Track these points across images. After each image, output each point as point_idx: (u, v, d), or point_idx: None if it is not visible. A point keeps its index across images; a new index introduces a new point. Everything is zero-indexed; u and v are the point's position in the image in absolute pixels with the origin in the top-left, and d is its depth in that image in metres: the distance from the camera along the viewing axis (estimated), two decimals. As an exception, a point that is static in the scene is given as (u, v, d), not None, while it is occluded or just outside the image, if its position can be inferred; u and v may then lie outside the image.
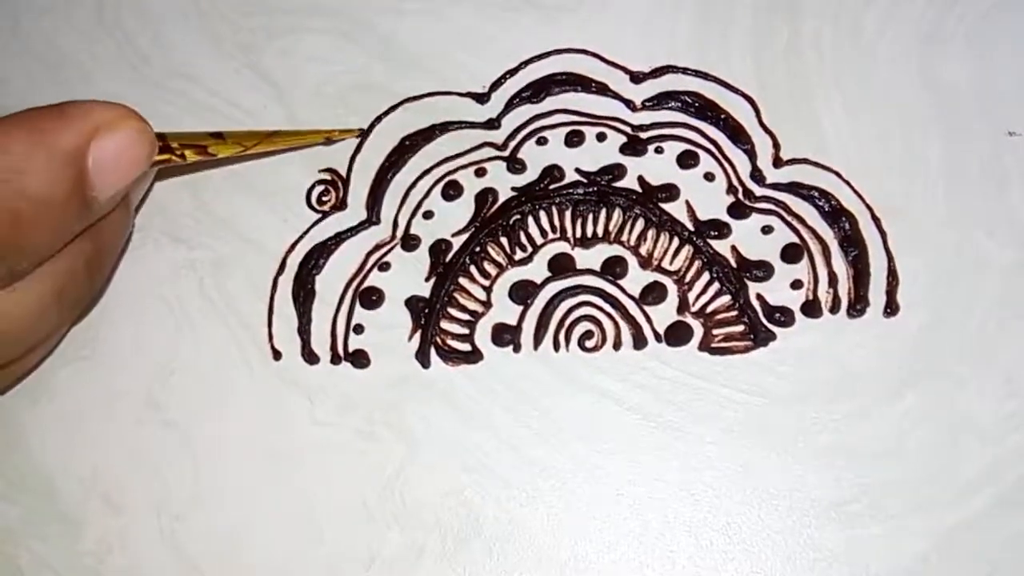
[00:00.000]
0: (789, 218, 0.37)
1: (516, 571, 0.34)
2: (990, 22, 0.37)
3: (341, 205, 0.39)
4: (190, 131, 0.35)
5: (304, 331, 0.38)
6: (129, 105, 0.32)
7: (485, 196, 0.38)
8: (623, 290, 0.37)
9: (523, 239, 0.38)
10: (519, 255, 0.38)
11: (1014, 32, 0.37)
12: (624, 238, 0.37)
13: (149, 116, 0.40)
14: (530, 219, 0.38)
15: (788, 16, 0.38)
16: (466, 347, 0.37)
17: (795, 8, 0.38)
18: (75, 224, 0.31)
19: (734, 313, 0.36)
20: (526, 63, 0.39)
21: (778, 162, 0.37)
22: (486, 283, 0.37)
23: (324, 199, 0.39)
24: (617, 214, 0.37)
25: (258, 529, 0.36)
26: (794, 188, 0.37)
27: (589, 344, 0.36)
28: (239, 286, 0.38)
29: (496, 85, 0.39)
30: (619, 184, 0.38)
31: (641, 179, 0.38)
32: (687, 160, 0.38)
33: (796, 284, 0.36)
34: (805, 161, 0.37)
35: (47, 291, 0.32)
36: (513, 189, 0.38)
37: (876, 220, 0.36)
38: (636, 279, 0.37)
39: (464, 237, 0.38)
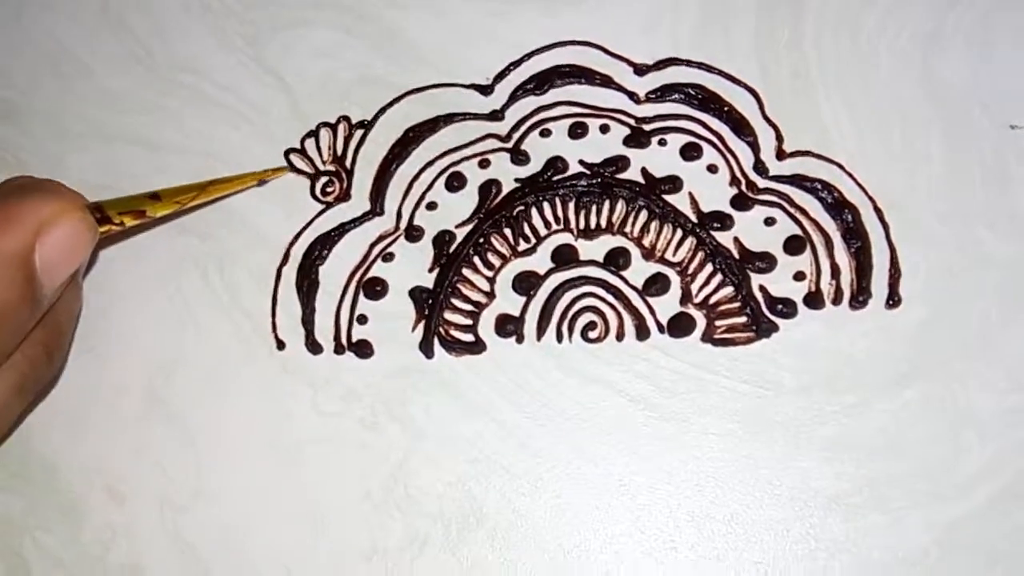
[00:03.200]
0: (792, 210, 0.37)
1: (519, 561, 0.35)
2: (990, 22, 0.38)
3: (345, 196, 0.39)
4: (125, 196, 0.35)
5: (308, 321, 0.38)
6: (65, 187, 0.33)
7: (489, 187, 0.38)
8: (626, 281, 0.37)
9: (527, 230, 0.38)
10: (522, 246, 0.38)
11: (1014, 32, 0.37)
12: (627, 229, 0.37)
13: (152, 110, 0.41)
14: (533, 210, 0.38)
15: (790, 8, 0.38)
16: (469, 338, 0.37)
17: (796, 3, 0.38)
18: (28, 322, 0.32)
19: (737, 304, 0.36)
20: (530, 55, 0.39)
21: (781, 154, 0.37)
22: (489, 274, 0.37)
23: (328, 190, 0.39)
24: (620, 206, 0.37)
25: (261, 519, 0.36)
26: (797, 180, 0.37)
27: (592, 335, 0.36)
28: (243, 277, 0.39)
29: (500, 77, 0.39)
30: (622, 176, 0.38)
31: (644, 171, 0.38)
32: (690, 152, 0.38)
33: (799, 276, 0.36)
34: (808, 153, 0.37)
35: (8, 387, 0.33)
36: (517, 180, 0.38)
37: (879, 212, 0.36)
38: (639, 270, 0.37)
39: (468, 228, 0.38)
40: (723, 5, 0.39)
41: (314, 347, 0.37)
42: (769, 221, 0.37)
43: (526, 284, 0.37)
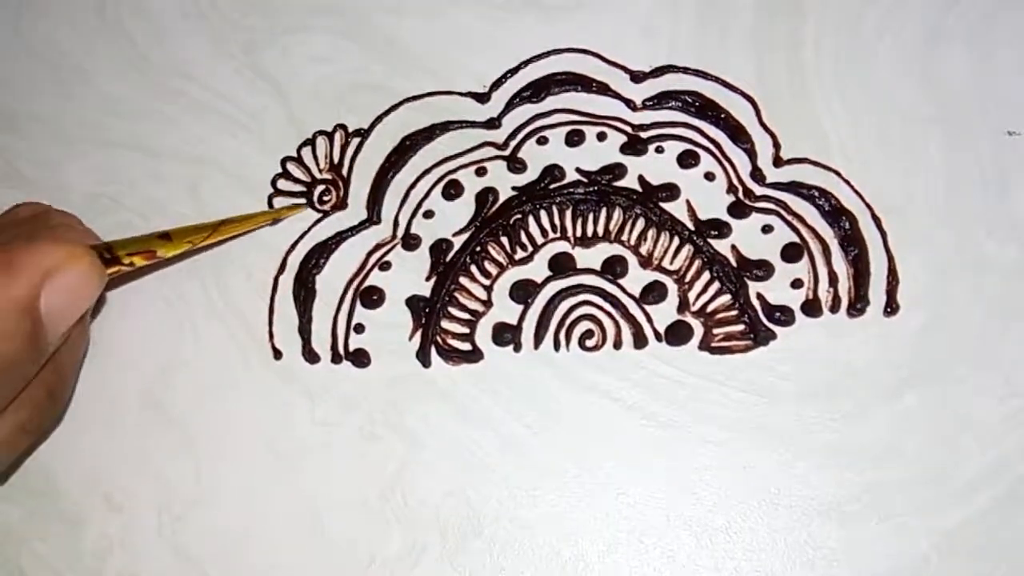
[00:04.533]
0: (789, 217, 0.37)
1: (517, 570, 0.34)
2: (990, 22, 0.37)
3: (342, 204, 0.39)
4: (136, 236, 0.35)
5: (305, 330, 0.38)
6: (75, 234, 0.33)
7: (486, 195, 0.38)
8: (623, 289, 0.37)
9: (524, 238, 0.38)
10: (520, 254, 0.38)
11: (1014, 32, 0.37)
12: (624, 237, 0.37)
13: (149, 116, 0.41)
14: (531, 218, 0.38)
15: (788, 16, 0.38)
16: (467, 346, 0.37)
17: (795, 8, 0.38)
18: (32, 369, 0.32)
19: (734, 312, 0.36)
20: (526, 63, 0.39)
21: (778, 161, 0.37)
22: (487, 282, 0.37)
23: (325, 198, 0.39)
24: (617, 213, 0.37)
25: (259, 528, 0.36)
26: (794, 187, 0.37)
27: (589, 343, 0.36)
28: (240, 285, 0.39)
29: (496, 85, 0.39)
30: (619, 183, 0.38)
31: (641, 178, 0.38)
32: (687, 159, 0.38)
33: (796, 283, 0.36)
34: (805, 160, 0.37)
35: (12, 428, 0.33)
36: (514, 188, 0.38)
37: (876, 219, 0.36)
38: (636, 278, 0.37)
39: (465, 236, 0.38)
40: (721, 12, 0.39)
41: (311, 356, 0.37)
42: (766, 229, 0.37)
43: (523, 292, 0.37)
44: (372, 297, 0.38)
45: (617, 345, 0.36)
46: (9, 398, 0.31)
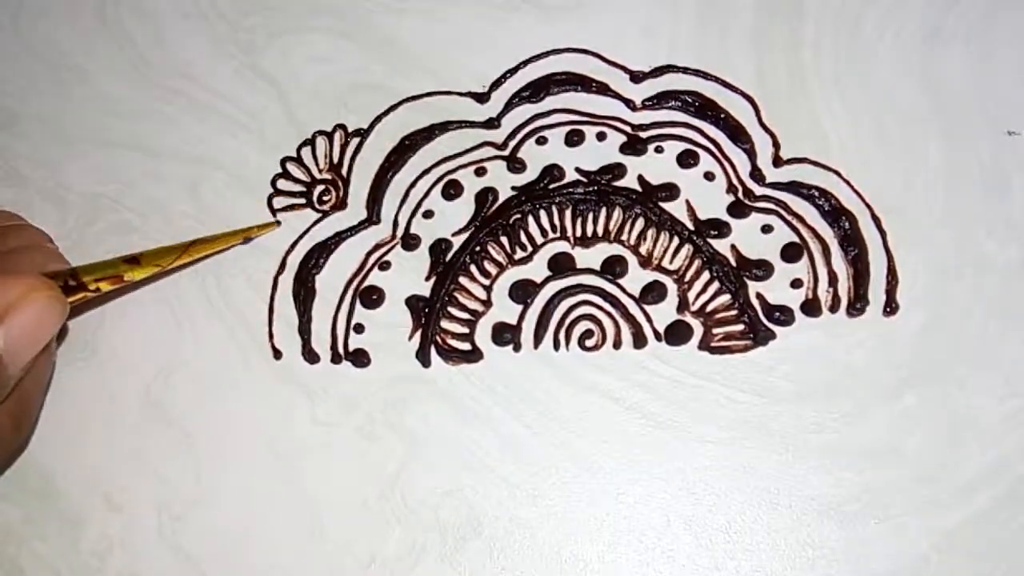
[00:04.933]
0: (789, 217, 0.37)
1: (516, 570, 0.34)
2: (990, 22, 0.37)
3: (341, 204, 0.39)
4: (102, 261, 0.35)
5: (304, 330, 0.38)
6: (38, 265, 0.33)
7: (485, 195, 0.38)
8: (623, 289, 0.37)
9: (523, 238, 0.38)
10: (519, 254, 0.38)
11: (1014, 32, 0.37)
12: (624, 237, 0.37)
13: (149, 116, 0.41)
14: (530, 218, 0.38)
15: (788, 16, 0.38)
16: (466, 346, 0.37)
17: (795, 8, 0.38)
18: None
19: (734, 312, 0.36)
20: (526, 62, 0.39)
21: (778, 161, 0.37)
22: (486, 282, 0.37)
23: (324, 198, 0.39)
24: (617, 213, 0.37)
25: (258, 528, 0.36)
26: (794, 187, 0.37)
27: (589, 343, 0.36)
28: (240, 285, 0.39)
29: (496, 84, 0.39)
30: (619, 183, 0.38)
31: (641, 178, 0.38)
32: (687, 159, 0.38)
33: (796, 283, 0.36)
34: (805, 160, 0.37)
35: None
36: (513, 188, 0.38)
37: (876, 219, 0.36)
38: (636, 278, 0.37)
39: (464, 236, 0.38)
40: (721, 12, 0.39)
41: (311, 356, 0.37)
42: (766, 228, 0.37)
43: (523, 292, 0.37)
44: (372, 297, 0.38)
45: (617, 345, 0.36)
46: None
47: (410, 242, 0.38)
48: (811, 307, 0.36)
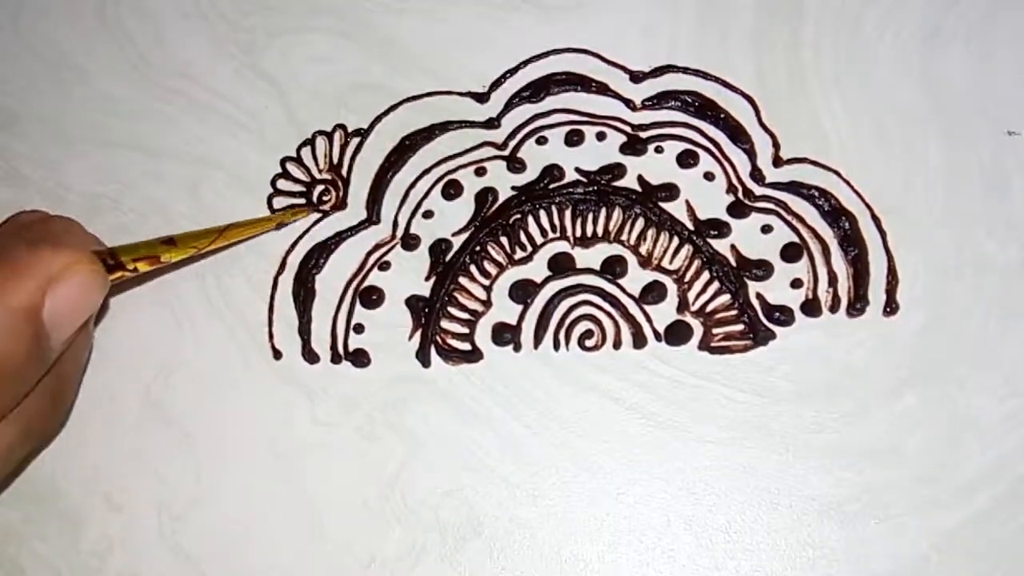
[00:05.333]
0: (789, 217, 0.37)
1: (516, 570, 0.34)
2: (990, 22, 0.37)
3: (341, 204, 0.39)
4: (140, 241, 0.35)
5: (304, 330, 0.38)
6: (79, 238, 0.33)
7: (485, 195, 0.38)
8: (623, 289, 0.37)
9: (523, 238, 0.38)
10: (519, 254, 0.38)
11: (1014, 32, 0.37)
12: (624, 237, 0.37)
13: (149, 116, 0.41)
14: (530, 218, 0.38)
15: (788, 16, 0.38)
16: (466, 346, 0.37)
17: (795, 8, 0.38)
18: (35, 375, 0.31)
19: (734, 312, 0.36)
20: (526, 62, 0.39)
21: (778, 161, 0.37)
22: (486, 282, 0.37)
23: (324, 199, 0.39)
24: (617, 213, 0.37)
25: (258, 528, 0.36)
26: (794, 187, 0.37)
27: (589, 343, 0.36)
28: (239, 286, 0.39)
29: (496, 84, 0.39)
30: (619, 183, 0.38)
31: (641, 178, 0.38)
32: (687, 159, 0.38)
33: (796, 283, 0.36)
34: (805, 160, 0.37)
35: (14, 434, 0.32)
36: (513, 188, 0.38)
37: (876, 219, 0.36)
38: (636, 278, 0.37)
39: (464, 236, 0.38)
40: (721, 12, 0.39)
41: (311, 356, 0.37)
42: (766, 228, 0.37)
43: (523, 292, 0.37)
44: (372, 297, 0.38)
45: (617, 345, 0.36)
46: (11, 405, 0.31)
47: (410, 242, 0.38)
48: (811, 307, 0.36)
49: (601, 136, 0.38)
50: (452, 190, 0.38)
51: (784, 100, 0.38)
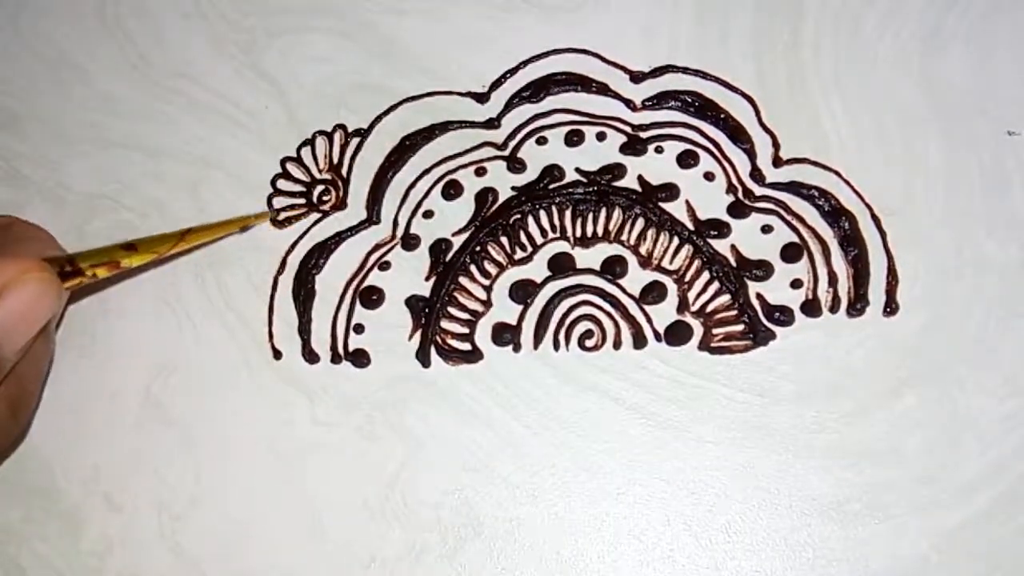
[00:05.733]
0: (789, 217, 0.37)
1: (516, 570, 0.34)
2: (990, 22, 0.37)
3: (341, 204, 0.39)
4: (99, 247, 0.34)
5: (304, 330, 0.38)
6: (34, 248, 0.32)
7: (485, 195, 0.38)
8: (623, 289, 0.37)
9: (523, 238, 0.38)
10: (519, 254, 0.38)
11: (1014, 32, 0.37)
12: (624, 237, 0.37)
13: (149, 116, 0.41)
14: (530, 218, 0.38)
15: (788, 16, 0.38)
16: (466, 346, 0.37)
17: (795, 8, 0.38)
18: None
19: (734, 312, 0.36)
20: (526, 63, 0.39)
21: (778, 161, 0.37)
22: (486, 282, 0.37)
23: (324, 198, 0.39)
24: (617, 213, 0.37)
25: (258, 528, 0.36)
26: (794, 187, 0.37)
27: (589, 343, 0.36)
28: (239, 285, 0.39)
29: (496, 85, 0.39)
30: (619, 184, 0.38)
31: (641, 178, 0.38)
32: (687, 159, 0.38)
33: (796, 283, 0.36)
34: (805, 160, 0.37)
35: None
36: (513, 188, 0.38)
37: (876, 219, 0.36)
38: (636, 278, 0.37)
39: (464, 236, 0.38)
40: (721, 12, 0.39)
41: (311, 356, 0.37)
42: (766, 229, 0.37)
43: (523, 292, 0.37)
44: (372, 297, 0.38)
45: (617, 345, 0.36)
46: None
47: (410, 242, 0.38)
48: (811, 307, 0.36)
49: (601, 136, 0.38)
50: (452, 190, 0.38)
51: (784, 100, 0.38)
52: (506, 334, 0.37)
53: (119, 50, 0.42)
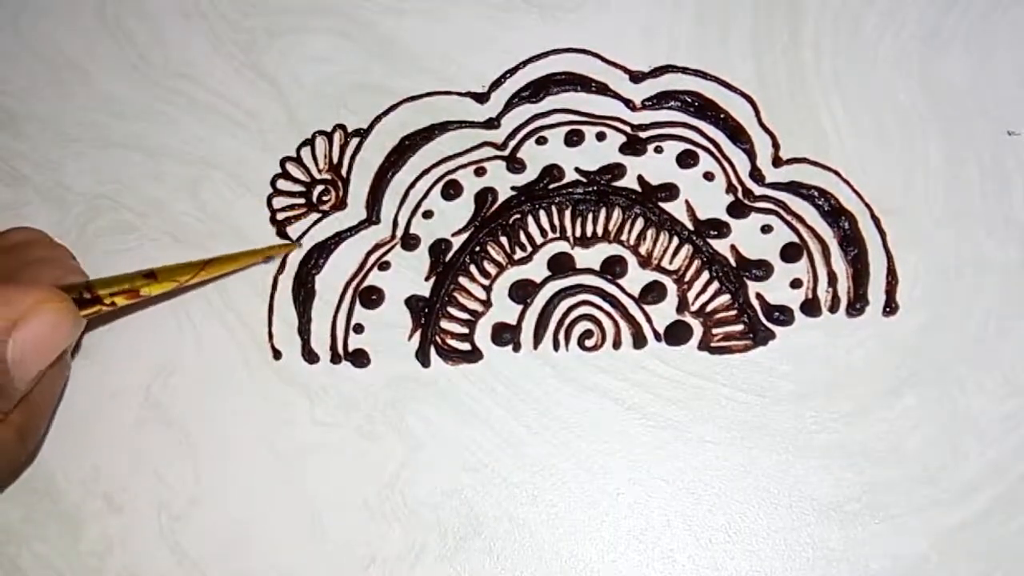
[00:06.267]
0: (788, 217, 0.37)
1: (516, 570, 0.34)
2: (990, 22, 0.37)
3: (341, 204, 0.39)
4: (120, 275, 0.34)
5: (304, 330, 0.38)
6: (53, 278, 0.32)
7: (485, 195, 0.38)
8: (623, 289, 0.37)
9: (523, 238, 0.38)
10: (519, 254, 0.38)
11: (1014, 32, 0.37)
12: (624, 237, 0.37)
13: (149, 116, 0.41)
14: (530, 218, 0.38)
15: (788, 16, 0.38)
16: (466, 346, 0.37)
17: (795, 8, 0.38)
18: None
19: (733, 312, 0.36)
20: (526, 63, 0.39)
21: (777, 161, 0.37)
22: (486, 282, 0.37)
23: (324, 198, 0.39)
24: (617, 213, 0.37)
25: (258, 528, 0.36)
26: (793, 187, 0.37)
27: (589, 343, 0.36)
28: (239, 286, 0.39)
29: (496, 85, 0.39)
30: (619, 183, 0.38)
31: (641, 178, 0.38)
32: (687, 159, 0.38)
33: (795, 283, 0.36)
34: (804, 160, 0.37)
35: None
36: (513, 188, 0.38)
37: (875, 219, 0.36)
38: (636, 278, 0.37)
39: (464, 236, 0.38)
40: (721, 12, 0.39)
41: (311, 356, 0.37)
42: (766, 228, 0.37)
43: (523, 292, 0.37)
44: (371, 297, 0.38)
45: (616, 345, 0.36)
46: None
47: (410, 242, 0.38)
48: (811, 307, 0.36)
49: (601, 136, 0.38)
50: (452, 190, 0.38)
51: (784, 100, 0.38)
52: (506, 334, 0.37)
53: (119, 50, 0.42)
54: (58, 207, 0.40)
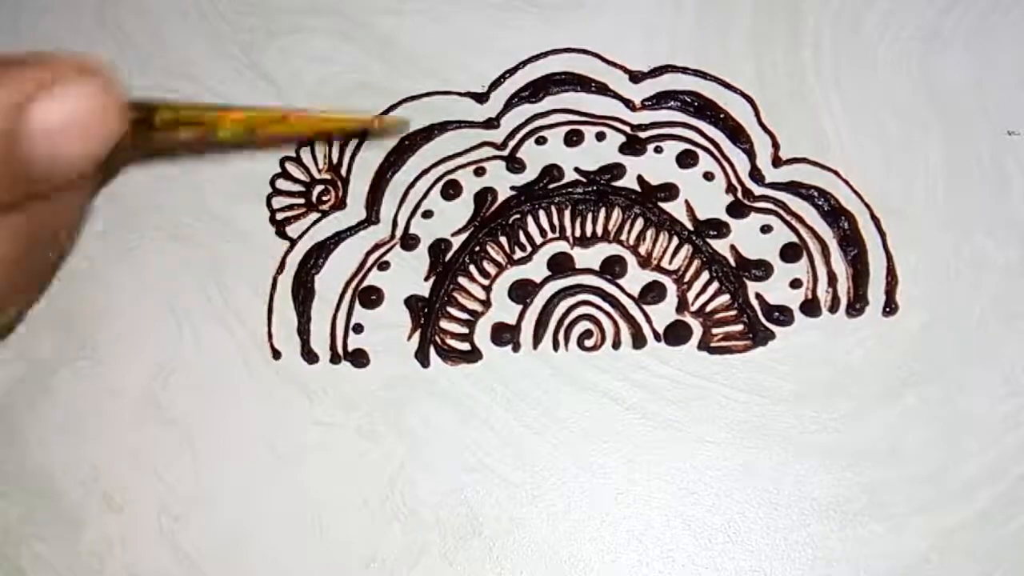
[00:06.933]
0: (788, 217, 0.37)
1: (516, 570, 0.34)
2: (990, 22, 0.37)
3: (340, 204, 0.39)
4: (189, 102, 0.28)
5: (304, 330, 0.38)
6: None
7: (484, 195, 0.38)
8: (622, 289, 0.37)
9: (522, 238, 0.38)
10: (518, 254, 0.38)
11: (1014, 32, 0.37)
12: (623, 237, 0.37)
13: (149, 116, 0.41)
14: (529, 218, 0.38)
15: (788, 16, 0.38)
16: (465, 346, 0.37)
17: (795, 8, 0.38)
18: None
19: (733, 312, 0.36)
20: (525, 62, 0.39)
21: (777, 161, 0.37)
22: (485, 282, 0.37)
23: (324, 198, 0.39)
24: (616, 213, 0.37)
25: (258, 528, 0.36)
26: (793, 187, 0.37)
27: (588, 343, 0.36)
28: (239, 285, 0.39)
29: (495, 84, 0.39)
30: (618, 183, 0.38)
31: (640, 178, 0.38)
32: (686, 159, 0.38)
33: (795, 283, 0.36)
34: (804, 160, 0.37)
35: None
36: (512, 188, 0.38)
37: (875, 219, 0.36)
38: (635, 278, 0.37)
39: (463, 236, 0.38)
40: (721, 12, 0.39)
41: (310, 356, 0.37)
42: (765, 228, 0.37)
43: (522, 292, 0.37)
44: (371, 297, 0.38)
45: (616, 345, 0.36)
46: None
47: (409, 242, 0.38)
48: (810, 307, 0.36)
49: (601, 136, 0.38)
50: (451, 190, 0.38)
51: (784, 100, 0.38)
52: (505, 334, 0.37)
53: (119, 50, 0.42)
54: (58, 207, 0.40)
